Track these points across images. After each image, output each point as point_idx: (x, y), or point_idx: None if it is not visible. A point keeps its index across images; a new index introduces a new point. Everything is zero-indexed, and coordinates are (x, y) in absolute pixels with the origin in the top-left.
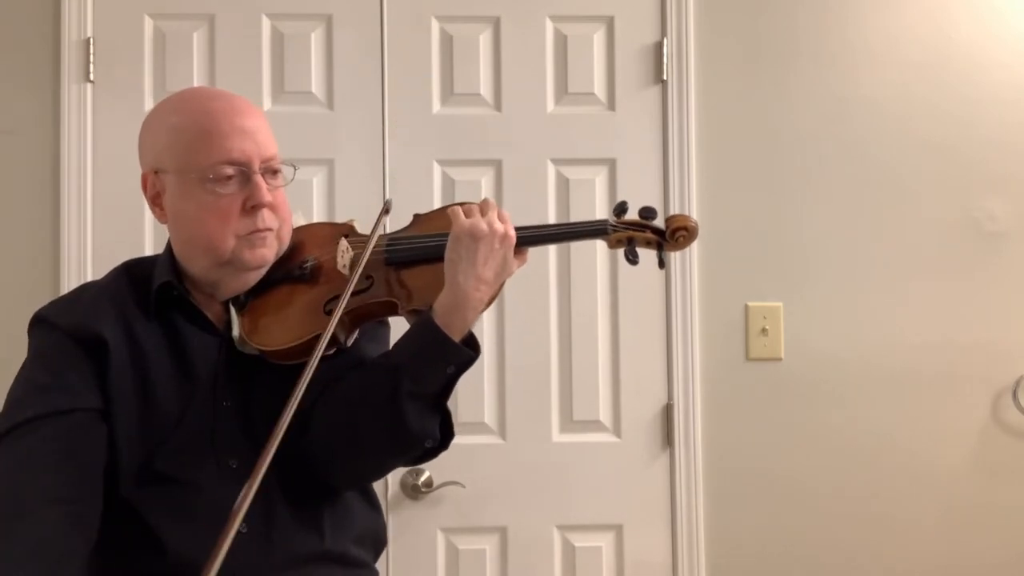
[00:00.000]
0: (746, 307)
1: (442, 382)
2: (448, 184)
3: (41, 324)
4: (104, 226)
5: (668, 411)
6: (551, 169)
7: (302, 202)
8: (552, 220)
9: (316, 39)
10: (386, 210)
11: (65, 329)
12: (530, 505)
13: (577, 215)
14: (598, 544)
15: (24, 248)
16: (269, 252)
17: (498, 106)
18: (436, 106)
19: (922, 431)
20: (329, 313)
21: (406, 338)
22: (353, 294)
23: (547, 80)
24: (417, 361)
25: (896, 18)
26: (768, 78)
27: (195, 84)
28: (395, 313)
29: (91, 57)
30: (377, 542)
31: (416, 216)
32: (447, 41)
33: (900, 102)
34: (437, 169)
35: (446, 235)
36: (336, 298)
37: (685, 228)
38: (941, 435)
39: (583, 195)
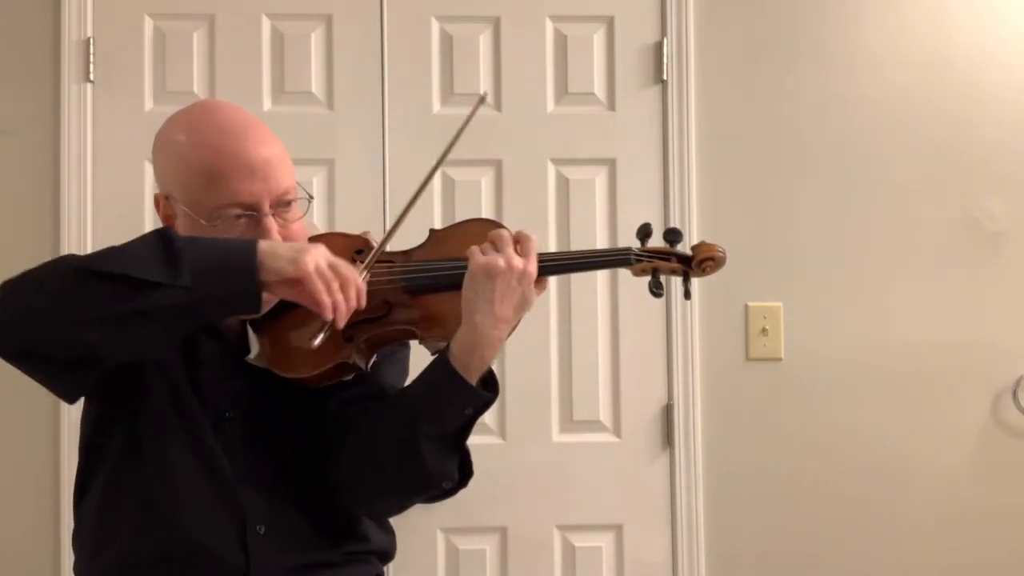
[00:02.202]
0: (746, 307)
1: (460, 423)
2: (448, 184)
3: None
4: (104, 226)
5: (668, 411)
6: (551, 169)
7: None
8: (552, 220)
9: (316, 39)
10: (482, 99)
11: None
12: (530, 505)
13: (577, 215)
14: (598, 544)
15: (24, 248)
16: None
17: (498, 106)
18: (436, 106)
19: (922, 431)
20: (349, 340)
21: (423, 379)
22: (371, 321)
23: (547, 80)
24: (434, 404)
25: (896, 18)
26: (768, 78)
27: (195, 84)
28: (413, 339)
29: (91, 57)
30: (384, 556)
31: (432, 232)
32: (447, 41)
33: (900, 102)
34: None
35: (461, 263)
36: (356, 324)
37: (712, 258)
38: (941, 435)
39: (583, 195)
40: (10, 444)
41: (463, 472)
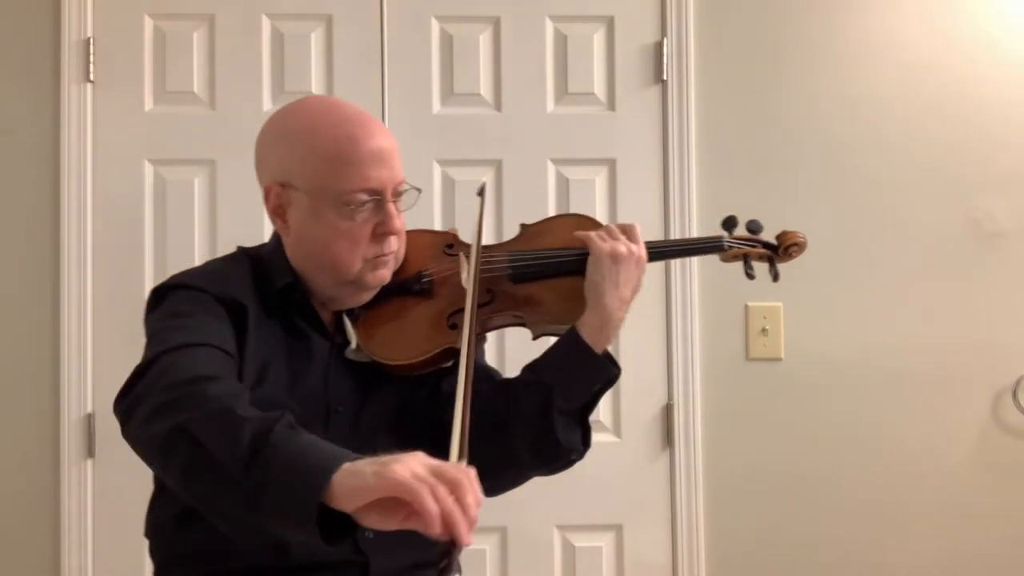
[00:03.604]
0: (746, 307)
1: (587, 398)
2: (448, 184)
3: (179, 288)
4: (104, 226)
5: (668, 411)
6: (551, 169)
7: None
8: None
9: (316, 39)
10: (480, 192)
11: (212, 292)
12: (530, 505)
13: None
14: (598, 544)
15: (24, 248)
16: (388, 273)
17: (498, 106)
18: (436, 106)
19: (922, 431)
20: (453, 327)
21: (555, 356)
22: (477, 308)
23: (547, 80)
24: (568, 379)
25: (896, 18)
26: (768, 78)
27: (195, 84)
28: (520, 324)
29: (91, 57)
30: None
31: (524, 227)
32: (447, 41)
33: (900, 102)
34: (437, 169)
35: (568, 251)
36: (459, 312)
37: (796, 244)
38: (941, 435)
39: (583, 195)
40: (11, 444)
41: (585, 444)
